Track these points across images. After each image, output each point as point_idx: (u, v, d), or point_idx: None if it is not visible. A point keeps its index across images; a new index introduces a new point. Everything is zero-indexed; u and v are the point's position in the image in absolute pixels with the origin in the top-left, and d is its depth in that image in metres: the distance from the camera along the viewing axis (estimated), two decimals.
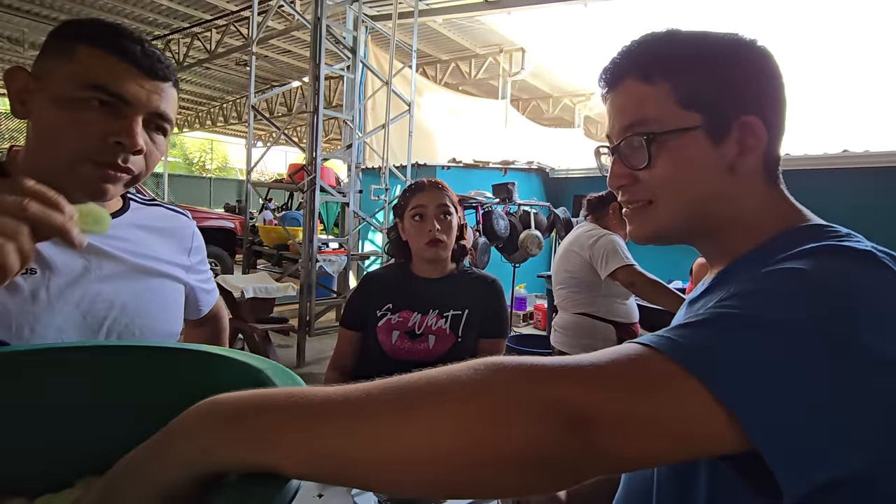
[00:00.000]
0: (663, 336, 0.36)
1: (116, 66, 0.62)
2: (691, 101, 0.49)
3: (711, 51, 0.50)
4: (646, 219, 0.54)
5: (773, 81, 0.50)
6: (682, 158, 0.50)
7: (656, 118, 0.49)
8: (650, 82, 0.50)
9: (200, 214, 6.21)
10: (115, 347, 0.53)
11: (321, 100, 3.85)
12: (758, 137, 0.49)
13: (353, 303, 1.32)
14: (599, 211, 2.20)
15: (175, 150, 20.96)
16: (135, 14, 6.99)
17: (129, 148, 0.63)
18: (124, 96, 0.62)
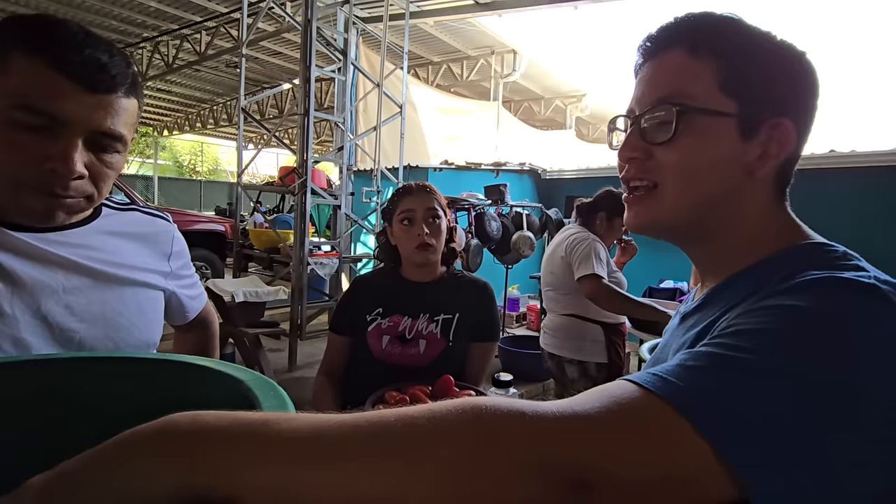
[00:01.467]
0: (665, 378, 0.34)
1: (49, 78, 0.53)
2: (733, 87, 0.46)
3: (764, 46, 0.48)
4: (648, 205, 0.51)
5: (812, 98, 0.49)
6: (705, 143, 0.47)
7: (694, 94, 0.47)
8: (697, 56, 0.47)
9: (190, 218, 6.14)
10: (84, 359, 0.51)
11: (312, 102, 3.82)
12: (784, 144, 0.48)
13: (343, 307, 1.31)
14: (588, 217, 2.19)
15: (165, 153, 20.77)
16: (122, 16, 6.92)
17: (66, 175, 0.56)
18: (57, 116, 0.54)
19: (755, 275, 0.47)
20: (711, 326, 0.45)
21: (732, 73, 0.47)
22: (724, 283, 0.50)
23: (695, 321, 0.51)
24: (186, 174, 20.99)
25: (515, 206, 4.30)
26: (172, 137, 17.91)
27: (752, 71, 0.47)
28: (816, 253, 0.45)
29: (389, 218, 1.27)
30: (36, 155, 0.55)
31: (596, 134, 12.66)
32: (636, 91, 0.52)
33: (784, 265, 0.44)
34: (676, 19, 0.50)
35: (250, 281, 3.64)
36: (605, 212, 2.14)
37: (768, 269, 0.46)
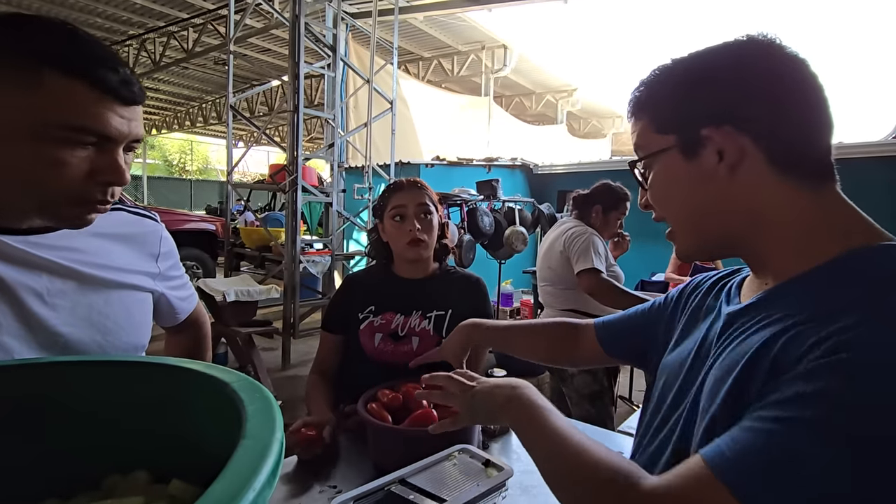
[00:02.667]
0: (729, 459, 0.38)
1: (96, 100, 0.56)
2: (663, 126, 0.55)
3: (686, 73, 0.54)
4: (675, 239, 0.59)
5: (759, 81, 0.48)
6: (665, 177, 0.56)
7: (643, 146, 0.57)
8: (638, 119, 0.58)
9: (180, 217, 6.07)
10: (67, 363, 0.50)
11: (301, 99, 3.79)
12: (734, 142, 0.49)
13: (335, 305, 1.29)
14: (584, 209, 2.19)
15: (154, 152, 20.54)
16: (108, 13, 6.82)
17: (120, 185, 0.61)
18: (109, 134, 0.57)
19: (811, 285, 0.46)
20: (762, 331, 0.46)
21: (659, 117, 0.55)
22: (776, 287, 0.49)
23: (745, 322, 0.50)
24: (176, 173, 20.78)
25: (507, 202, 4.30)
26: (161, 136, 17.73)
27: (671, 105, 0.54)
28: (875, 264, 0.43)
29: (381, 214, 1.26)
30: (89, 170, 0.58)
31: (587, 128, 12.68)
32: None
33: (849, 277, 0.43)
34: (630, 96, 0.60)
35: (242, 280, 3.61)
36: (601, 205, 2.13)
37: (827, 280, 0.45)
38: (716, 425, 0.45)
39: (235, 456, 0.32)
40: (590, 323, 0.86)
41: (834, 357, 0.37)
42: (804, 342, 0.40)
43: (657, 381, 0.64)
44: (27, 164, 0.55)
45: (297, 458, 0.95)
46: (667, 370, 0.63)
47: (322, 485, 0.86)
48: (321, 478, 0.89)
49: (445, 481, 0.75)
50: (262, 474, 0.31)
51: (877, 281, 0.41)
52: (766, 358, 0.43)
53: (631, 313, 0.80)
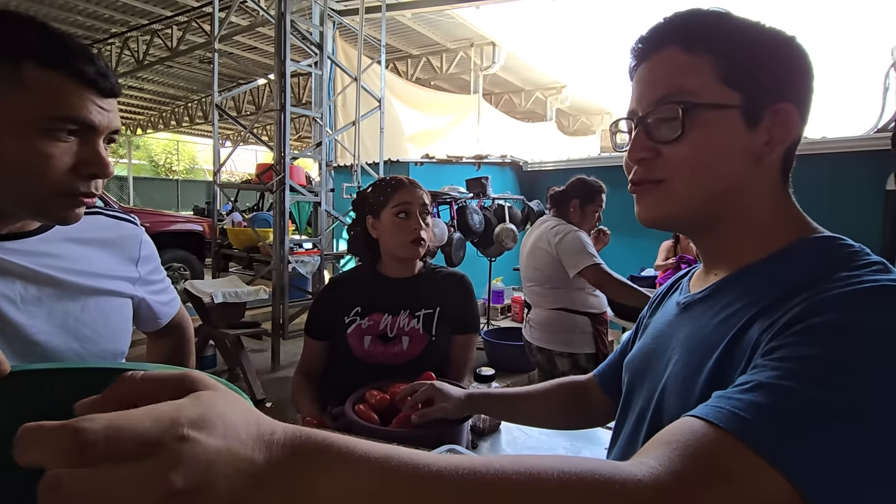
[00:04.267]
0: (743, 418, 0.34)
1: (75, 90, 0.57)
2: (733, 78, 0.47)
3: (755, 33, 0.49)
4: (657, 199, 0.51)
5: (808, 80, 0.50)
6: (713, 136, 0.47)
7: (695, 90, 0.47)
8: (693, 52, 0.48)
9: (167, 218, 6.00)
10: (38, 371, 0.49)
11: (288, 97, 3.75)
12: (788, 128, 0.48)
13: (317, 310, 1.26)
14: (561, 206, 2.20)
15: (139, 152, 20.24)
16: (89, 11, 6.69)
17: (104, 176, 0.60)
18: (91, 123, 0.58)
19: (768, 270, 0.48)
20: (730, 323, 0.46)
21: (730, 64, 0.47)
22: (734, 275, 0.51)
23: (703, 311, 0.51)
24: (162, 173, 20.50)
25: (497, 199, 4.29)
26: (146, 136, 17.47)
27: (750, 60, 0.47)
28: (833, 248, 0.46)
29: (376, 210, 1.21)
30: (72, 162, 0.58)
31: (576, 125, 12.74)
32: (635, 92, 0.52)
33: (801, 262, 0.45)
34: (666, 19, 0.50)
35: (230, 281, 3.58)
36: (578, 199, 2.15)
37: (783, 265, 0.47)
38: None
39: None
40: (592, 378, 0.80)
41: (795, 328, 0.39)
42: (767, 321, 0.42)
43: (623, 378, 0.65)
44: (12, 159, 0.55)
45: None
46: (630, 366, 0.63)
47: None
48: None
49: None
50: None
51: (825, 263, 0.44)
52: (743, 345, 0.44)
53: (619, 351, 0.76)
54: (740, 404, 0.35)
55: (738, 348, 0.44)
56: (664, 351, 0.55)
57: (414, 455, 0.30)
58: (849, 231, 0.48)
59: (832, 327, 0.37)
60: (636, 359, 0.62)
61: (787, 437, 0.33)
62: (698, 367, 0.47)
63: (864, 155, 3.92)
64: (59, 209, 0.60)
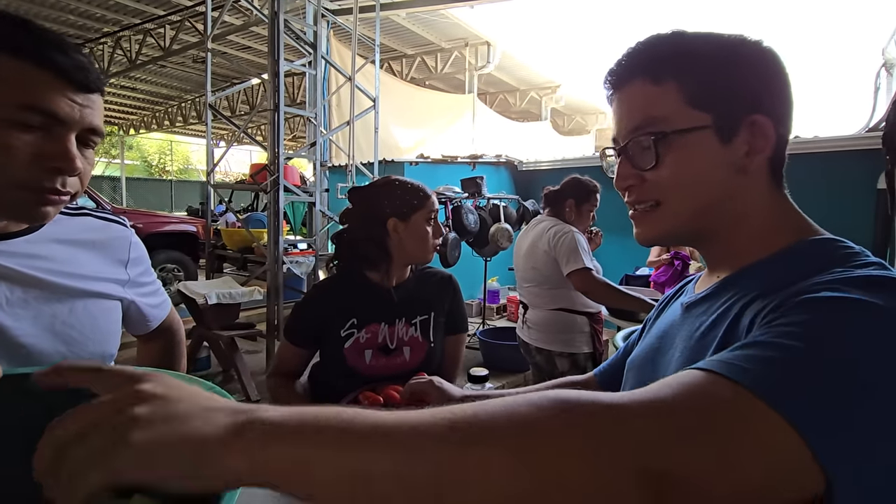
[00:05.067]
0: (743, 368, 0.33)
1: (44, 80, 0.55)
2: (700, 100, 0.49)
3: (718, 49, 0.50)
4: (653, 221, 0.53)
5: (781, 82, 0.50)
6: (689, 158, 0.49)
7: (664, 118, 0.49)
8: (658, 82, 0.50)
9: (160, 219, 5.96)
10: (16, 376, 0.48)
11: (282, 97, 3.73)
12: (767, 137, 0.49)
13: (302, 318, 1.19)
14: (557, 205, 2.20)
15: (132, 153, 20.09)
16: (81, 10, 6.64)
17: (68, 173, 0.58)
18: (58, 115, 0.56)
19: (769, 268, 0.48)
20: (726, 315, 0.47)
21: (695, 87, 0.49)
22: (735, 274, 0.52)
23: (704, 310, 0.52)
24: (156, 174, 20.36)
25: (492, 199, 4.30)
26: (139, 136, 17.34)
27: (715, 79, 0.49)
28: (832, 249, 0.47)
29: (405, 213, 1.13)
30: (36, 155, 0.55)
31: (571, 125, 12.76)
32: (613, 122, 0.55)
33: (801, 261, 0.46)
34: (630, 50, 0.52)
35: (224, 282, 3.56)
36: (574, 198, 2.15)
37: (784, 263, 0.48)
38: None
39: None
40: (591, 378, 0.80)
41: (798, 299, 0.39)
42: (763, 305, 0.42)
43: (626, 378, 0.65)
44: None
45: None
46: (634, 365, 0.64)
47: None
48: None
49: None
50: None
51: (824, 262, 0.44)
52: (738, 330, 0.44)
53: (622, 351, 0.76)
54: (735, 358, 0.34)
55: (733, 336, 0.45)
56: (667, 350, 0.56)
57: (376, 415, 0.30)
58: (841, 229, 0.49)
59: (825, 299, 0.37)
60: (639, 358, 0.62)
61: (786, 385, 0.32)
62: (697, 357, 0.48)
63: (856, 154, 3.95)
64: (22, 205, 0.58)
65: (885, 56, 3.98)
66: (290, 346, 1.19)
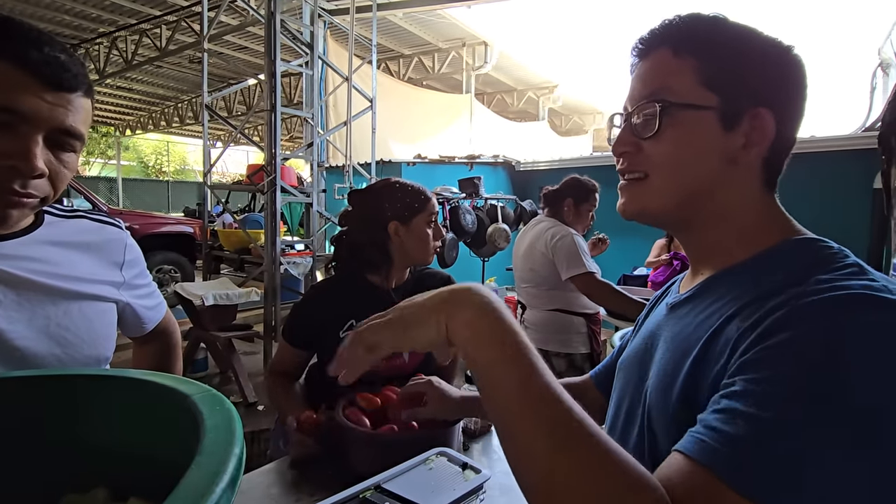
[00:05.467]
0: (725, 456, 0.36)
1: (10, 74, 0.52)
2: (712, 81, 0.49)
3: (744, 41, 0.50)
4: (637, 194, 0.53)
5: (796, 89, 0.51)
6: (688, 135, 0.50)
7: (675, 90, 0.50)
8: (679, 55, 0.50)
9: (157, 220, 5.93)
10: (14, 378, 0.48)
11: (278, 97, 3.73)
12: (765, 132, 0.49)
13: (300, 319, 1.19)
14: (555, 205, 2.19)
15: (128, 154, 20.02)
16: (76, 10, 6.62)
17: (26, 173, 0.54)
18: (20, 111, 0.53)
19: (751, 270, 0.49)
20: (708, 322, 0.47)
21: (712, 68, 0.49)
22: (717, 275, 0.52)
23: (687, 311, 0.53)
24: (152, 175, 20.30)
25: (490, 199, 4.30)
26: (136, 137, 17.30)
27: (732, 65, 0.49)
28: (813, 250, 0.47)
29: (406, 216, 1.13)
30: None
31: (568, 125, 12.78)
32: (629, 89, 0.55)
33: (782, 263, 0.47)
34: (664, 21, 0.53)
35: (221, 283, 3.54)
36: (572, 198, 2.15)
37: (765, 265, 0.48)
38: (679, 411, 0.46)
39: (188, 475, 0.31)
40: (587, 380, 0.80)
41: (774, 339, 0.39)
42: (747, 321, 0.43)
43: (616, 378, 0.65)
44: None
45: (272, 466, 0.92)
46: (622, 366, 0.64)
47: (299, 493, 0.84)
48: (297, 486, 0.87)
49: (422, 486, 0.74)
50: (215, 493, 0.29)
51: (804, 264, 0.45)
52: (721, 341, 0.45)
53: (616, 353, 0.76)
54: (713, 436, 0.37)
55: (714, 344, 0.45)
56: (651, 351, 0.57)
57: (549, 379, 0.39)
58: (838, 229, 0.49)
59: (802, 343, 0.38)
60: (627, 359, 0.63)
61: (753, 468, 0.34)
62: (678, 365, 0.48)
63: (853, 154, 3.96)
64: None
65: (882, 56, 4.00)
66: (288, 346, 1.19)
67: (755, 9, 20.33)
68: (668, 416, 0.48)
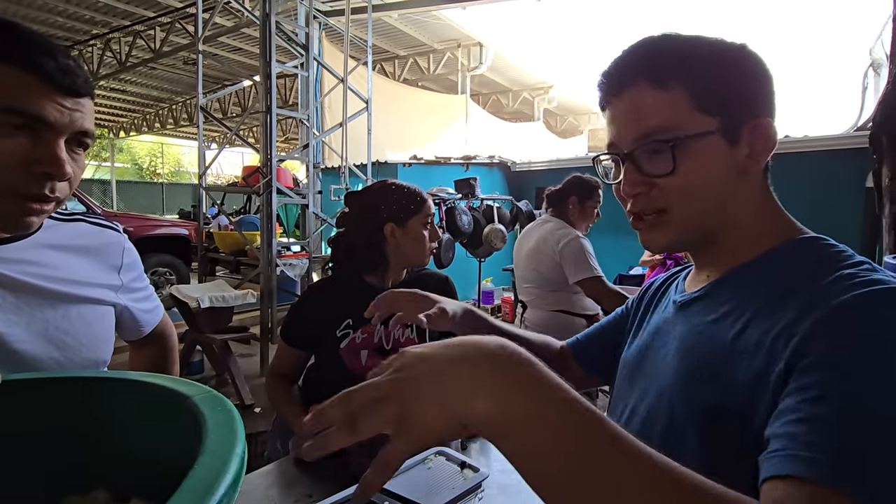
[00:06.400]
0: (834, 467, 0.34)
1: (31, 84, 0.54)
2: (708, 105, 0.49)
3: (717, 53, 0.50)
4: (663, 230, 0.53)
5: (771, 84, 0.51)
6: (701, 163, 0.49)
7: (677, 124, 0.49)
8: (664, 87, 0.49)
9: (152, 222, 5.91)
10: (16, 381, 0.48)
11: (274, 99, 3.72)
12: (769, 139, 0.50)
13: (298, 320, 1.19)
14: (559, 205, 2.20)
15: (122, 156, 19.91)
16: (69, 12, 6.58)
17: (58, 178, 0.57)
18: (46, 119, 0.55)
19: (759, 270, 0.50)
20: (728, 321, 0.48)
21: (702, 92, 0.49)
22: (726, 275, 0.53)
23: (699, 309, 0.53)
24: (147, 177, 20.21)
25: (486, 200, 4.31)
26: (130, 139, 17.21)
27: (718, 84, 0.49)
28: (819, 248, 0.48)
29: (402, 218, 1.14)
30: (22, 160, 0.54)
31: (564, 125, 12.82)
32: (612, 128, 0.53)
33: (793, 262, 0.48)
34: (627, 53, 0.52)
35: (216, 285, 3.53)
36: (577, 196, 2.15)
37: (773, 264, 0.49)
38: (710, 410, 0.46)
39: (191, 474, 0.31)
40: (565, 348, 0.79)
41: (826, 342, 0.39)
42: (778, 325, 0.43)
43: (618, 377, 0.65)
44: None
45: (270, 468, 0.93)
46: (626, 364, 0.64)
47: (297, 493, 0.85)
48: (296, 486, 0.87)
49: (421, 485, 0.75)
50: (217, 492, 0.30)
51: (813, 262, 0.46)
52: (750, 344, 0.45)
53: (598, 328, 0.77)
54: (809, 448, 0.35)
55: (738, 346, 0.46)
56: (660, 348, 0.57)
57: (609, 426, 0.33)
58: (830, 228, 0.50)
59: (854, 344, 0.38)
60: (633, 355, 0.63)
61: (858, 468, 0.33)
62: (696, 365, 0.49)
63: (845, 153, 4.00)
64: (8, 213, 0.57)
65: (873, 56, 4.04)
66: (286, 347, 1.19)
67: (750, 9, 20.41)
68: (695, 413, 0.48)
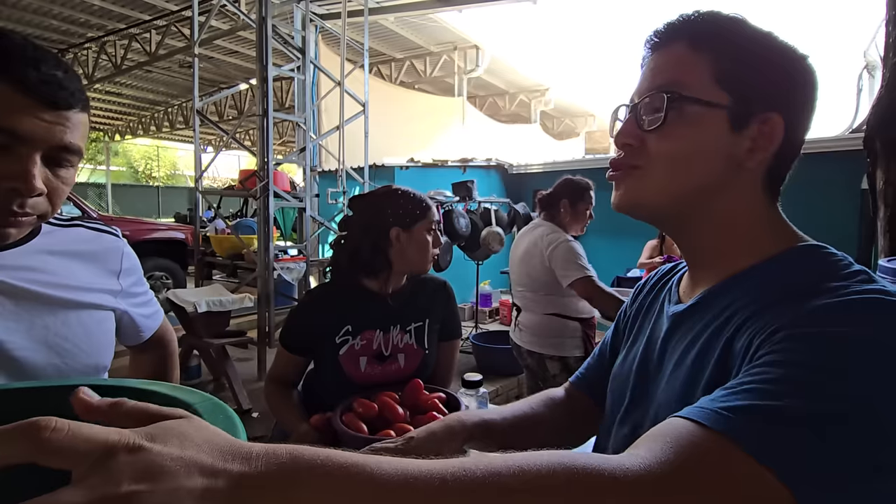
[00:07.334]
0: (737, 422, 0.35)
1: (8, 96, 0.52)
2: (727, 79, 0.48)
3: (762, 44, 0.49)
4: (633, 186, 0.51)
5: (808, 99, 0.50)
6: (696, 133, 0.48)
7: (687, 84, 0.48)
8: (696, 49, 0.49)
9: (148, 226, 5.89)
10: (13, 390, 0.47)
11: (270, 102, 3.71)
12: (773, 137, 0.48)
13: (298, 325, 1.18)
14: (551, 208, 2.20)
15: (118, 159, 19.83)
16: (63, 15, 6.55)
17: (26, 194, 0.54)
18: (16, 132, 0.52)
19: (756, 278, 0.48)
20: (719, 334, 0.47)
21: (727, 66, 0.48)
22: (722, 284, 0.51)
23: (693, 323, 0.52)
24: (142, 180, 20.13)
25: (483, 202, 4.31)
26: (125, 142, 17.14)
27: (748, 66, 0.48)
28: (818, 258, 0.47)
29: (408, 223, 1.14)
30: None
31: (560, 127, 12.85)
32: (639, 81, 0.53)
33: (790, 271, 0.46)
34: (682, 15, 0.51)
35: (214, 289, 3.51)
36: (568, 199, 2.15)
37: (770, 273, 0.48)
38: None
39: None
40: (570, 387, 0.75)
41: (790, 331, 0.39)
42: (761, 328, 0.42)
43: (608, 390, 0.63)
44: None
45: None
46: (617, 378, 0.62)
47: None
48: None
49: None
50: None
51: (811, 272, 0.46)
52: (735, 351, 0.44)
53: (597, 353, 0.74)
54: (726, 405, 0.36)
55: (729, 356, 0.45)
56: (656, 361, 0.55)
57: (405, 463, 0.30)
58: (826, 230, 0.49)
59: (817, 335, 0.38)
60: (626, 368, 0.61)
61: (772, 436, 0.34)
62: (694, 378, 0.48)
63: (840, 155, 4.02)
64: None
65: (867, 58, 4.07)
66: (285, 352, 1.18)
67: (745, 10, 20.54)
68: None
